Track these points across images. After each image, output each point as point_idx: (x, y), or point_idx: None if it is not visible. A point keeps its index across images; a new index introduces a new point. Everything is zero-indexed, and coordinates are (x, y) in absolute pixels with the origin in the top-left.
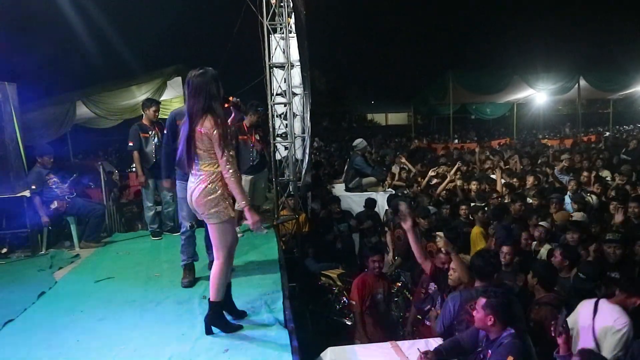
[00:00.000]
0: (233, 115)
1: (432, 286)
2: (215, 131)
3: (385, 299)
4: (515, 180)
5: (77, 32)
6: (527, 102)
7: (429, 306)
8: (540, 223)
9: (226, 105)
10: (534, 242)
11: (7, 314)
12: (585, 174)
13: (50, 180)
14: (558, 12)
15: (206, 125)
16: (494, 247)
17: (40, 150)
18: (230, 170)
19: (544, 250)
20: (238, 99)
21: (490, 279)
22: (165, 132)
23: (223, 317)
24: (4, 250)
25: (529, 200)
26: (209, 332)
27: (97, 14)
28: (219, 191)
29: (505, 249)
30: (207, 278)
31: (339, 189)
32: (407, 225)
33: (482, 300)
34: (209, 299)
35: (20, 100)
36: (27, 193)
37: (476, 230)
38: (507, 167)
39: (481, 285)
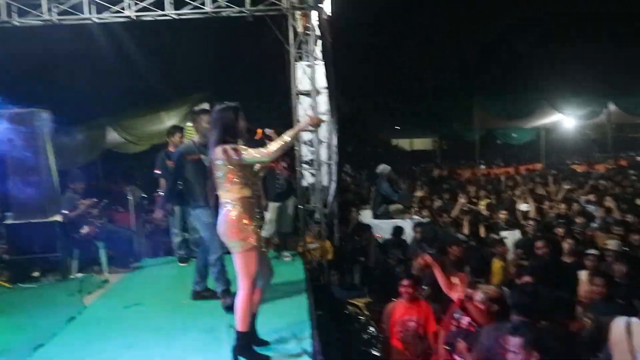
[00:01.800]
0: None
1: (464, 318)
2: (224, 155)
3: (418, 328)
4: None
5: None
6: (555, 126)
7: (459, 339)
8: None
9: (258, 137)
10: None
11: (38, 338)
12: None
13: (81, 206)
14: (587, 36)
15: (217, 156)
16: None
17: (72, 177)
18: (264, 151)
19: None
20: (272, 130)
21: (531, 315)
22: (172, 165)
23: (250, 347)
24: (36, 273)
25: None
26: None
27: (127, 42)
28: (240, 218)
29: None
30: None
31: (366, 215)
32: (427, 258)
33: (517, 339)
34: (236, 328)
35: (53, 126)
36: (59, 218)
37: (498, 264)
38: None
39: (519, 320)
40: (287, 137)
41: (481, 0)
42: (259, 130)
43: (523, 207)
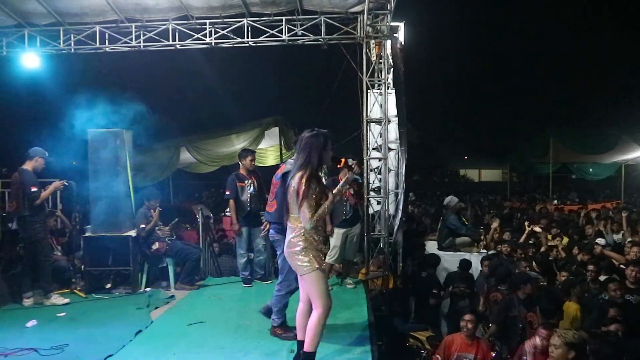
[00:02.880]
0: (346, 175)
1: None
2: (299, 186)
3: None
4: None
5: (185, 82)
6: (638, 163)
7: None
8: None
9: (339, 166)
10: None
11: (108, 349)
12: None
13: (153, 215)
14: None
15: (295, 180)
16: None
17: (149, 194)
18: (307, 227)
19: None
20: (354, 161)
21: None
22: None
23: None
24: (108, 285)
25: None
26: None
27: (202, 65)
28: (302, 245)
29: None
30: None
31: (431, 246)
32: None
33: None
34: (302, 350)
35: (133, 145)
36: (133, 233)
37: (573, 307)
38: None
39: None
40: (331, 203)
41: (559, 30)
42: (343, 160)
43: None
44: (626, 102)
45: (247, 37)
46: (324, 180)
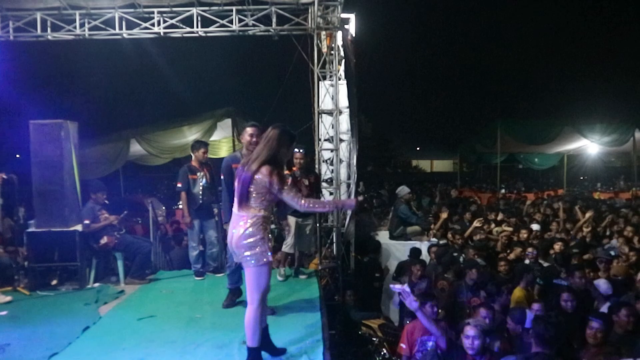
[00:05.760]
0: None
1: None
2: (270, 178)
3: (436, 347)
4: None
5: (134, 73)
6: (579, 153)
7: None
8: None
9: (288, 172)
10: None
11: (53, 346)
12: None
13: (101, 216)
14: (614, 61)
15: (262, 172)
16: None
17: (95, 187)
18: (302, 201)
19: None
20: (302, 178)
21: (552, 347)
22: (222, 177)
23: None
24: (54, 282)
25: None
26: None
27: (153, 56)
28: (259, 235)
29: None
30: None
31: (383, 236)
32: (413, 308)
33: None
34: (247, 344)
35: (78, 137)
36: (79, 227)
37: (518, 292)
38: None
39: (541, 352)
40: (328, 206)
41: (508, 26)
42: (294, 168)
43: (534, 227)
44: (568, 94)
45: (197, 27)
46: None
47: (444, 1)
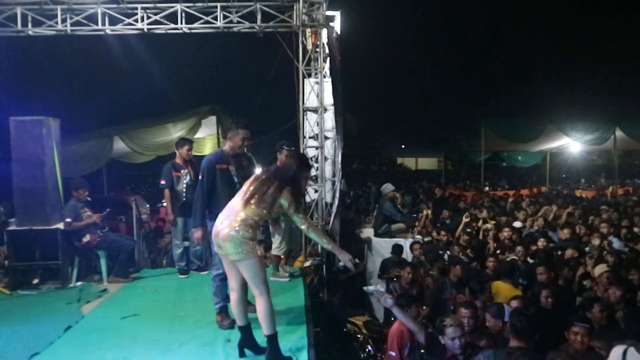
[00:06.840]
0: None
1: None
2: (287, 196)
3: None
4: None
5: (117, 69)
6: (561, 151)
7: None
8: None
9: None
10: None
11: (34, 347)
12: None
13: (84, 214)
14: (596, 61)
15: (285, 196)
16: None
17: (76, 184)
18: (307, 223)
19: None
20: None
21: (529, 340)
22: (200, 177)
23: (279, 350)
24: (35, 281)
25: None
26: None
27: (136, 52)
28: (250, 234)
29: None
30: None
31: (367, 233)
32: (388, 305)
33: None
34: (264, 334)
35: (61, 134)
36: (61, 225)
37: (504, 286)
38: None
39: (518, 346)
40: (327, 244)
41: (492, 26)
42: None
43: (517, 224)
44: (551, 93)
45: (181, 24)
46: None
47: (430, 0)
